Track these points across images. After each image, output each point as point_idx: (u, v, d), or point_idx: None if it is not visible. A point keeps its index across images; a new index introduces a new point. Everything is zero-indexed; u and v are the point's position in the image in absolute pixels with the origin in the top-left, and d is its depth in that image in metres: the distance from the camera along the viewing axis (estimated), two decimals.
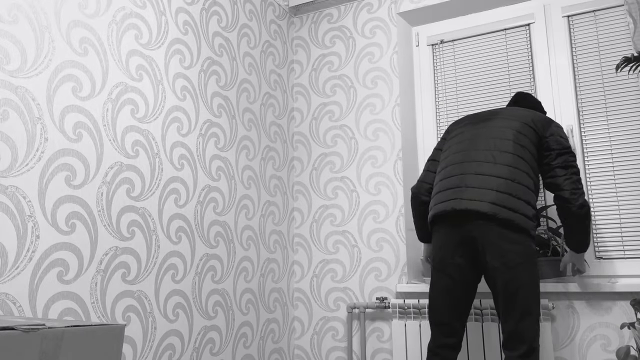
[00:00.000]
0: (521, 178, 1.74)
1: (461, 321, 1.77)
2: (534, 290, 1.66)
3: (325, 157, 2.69)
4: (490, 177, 1.74)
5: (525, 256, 1.67)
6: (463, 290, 1.76)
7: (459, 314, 1.76)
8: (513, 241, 1.67)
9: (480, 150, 1.82)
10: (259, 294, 2.38)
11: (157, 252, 1.86)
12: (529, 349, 1.62)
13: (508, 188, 1.72)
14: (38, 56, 1.53)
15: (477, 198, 1.72)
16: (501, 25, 2.54)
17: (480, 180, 1.75)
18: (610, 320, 2.01)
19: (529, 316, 1.64)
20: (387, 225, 2.47)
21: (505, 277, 1.66)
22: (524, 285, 1.65)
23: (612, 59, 2.28)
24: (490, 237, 1.68)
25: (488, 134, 1.85)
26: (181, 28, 2.09)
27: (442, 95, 2.63)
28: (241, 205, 2.32)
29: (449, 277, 1.76)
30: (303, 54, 2.85)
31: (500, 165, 1.76)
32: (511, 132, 1.82)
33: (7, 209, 1.40)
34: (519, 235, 1.68)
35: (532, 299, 1.65)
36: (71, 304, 1.55)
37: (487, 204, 1.69)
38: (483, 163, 1.78)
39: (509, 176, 1.73)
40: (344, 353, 2.46)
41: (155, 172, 1.89)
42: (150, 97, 1.91)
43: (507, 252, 1.66)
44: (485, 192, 1.72)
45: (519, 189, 1.72)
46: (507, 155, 1.77)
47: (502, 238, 1.67)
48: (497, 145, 1.80)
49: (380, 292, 2.43)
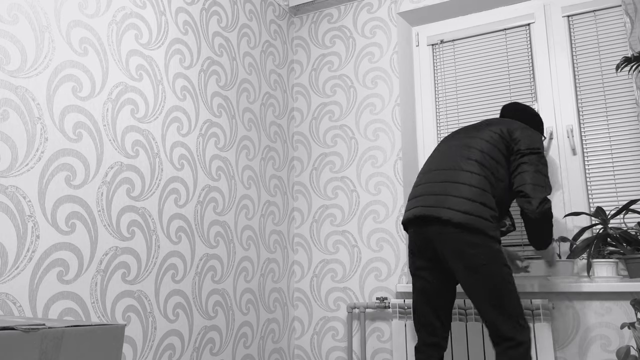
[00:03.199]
0: (480, 183, 1.78)
1: (441, 320, 1.82)
2: (504, 288, 1.69)
3: (325, 157, 2.69)
4: (441, 184, 1.81)
5: (487, 257, 1.70)
6: (437, 291, 1.83)
7: (438, 314, 1.82)
8: (472, 244, 1.70)
9: (445, 159, 1.88)
10: (259, 294, 2.38)
11: (157, 252, 1.86)
12: (514, 344, 1.67)
13: (451, 191, 1.77)
14: (38, 56, 1.53)
15: (437, 205, 1.78)
16: (501, 25, 2.54)
17: (441, 187, 1.81)
18: (610, 320, 2.01)
19: (504, 315, 1.68)
20: (387, 225, 2.47)
21: (469, 280, 1.71)
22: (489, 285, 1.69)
23: (612, 59, 2.28)
24: (449, 244, 1.73)
25: (455, 144, 1.91)
26: (181, 28, 2.09)
27: (442, 95, 2.63)
28: (241, 205, 2.32)
29: (423, 279, 1.84)
30: (303, 54, 2.85)
31: (461, 171, 1.81)
32: (476, 140, 1.88)
33: (7, 209, 1.40)
34: (478, 238, 1.71)
35: (503, 297, 1.69)
36: (71, 304, 1.55)
37: (445, 210, 1.75)
38: (446, 171, 1.84)
39: (457, 180, 1.79)
40: (344, 353, 2.46)
41: (155, 172, 1.89)
42: (150, 97, 1.91)
43: (466, 256, 1.71)
44: (444, 198, 1.78)
45: (474, 192, 1.76)
46: (466, 162, 1.82)
47: (460, 242, 1.72)
48: (460, 153, 1.86)
49: (380, 292, 2.43)
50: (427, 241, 1.80)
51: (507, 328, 1.68)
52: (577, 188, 2.23)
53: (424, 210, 1.79)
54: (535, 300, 2.03)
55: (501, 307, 1.68)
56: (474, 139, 1.89)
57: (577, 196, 2.23)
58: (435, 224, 1.76)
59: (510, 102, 2.17)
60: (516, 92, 2.45)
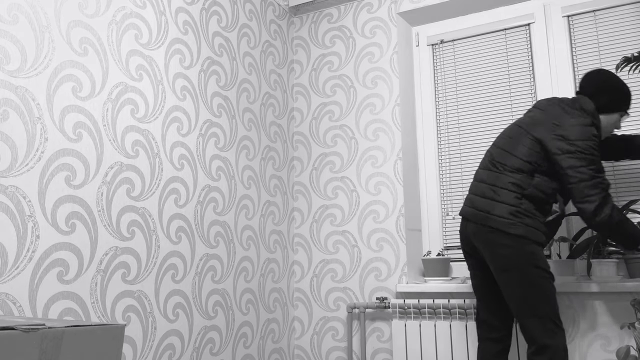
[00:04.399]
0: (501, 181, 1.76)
1: (497, 318, 1.83)
2: (533, 290, 1.67)
3: (325, 157, 2.69)
4: (479, 183, 1.85)
5: (516, 258, 1.69)
6: (488, 288, 1.85)
7: (492, 311, 1.84)
8: (502, 245, 1.71)
9: (494, 155, 1.86)
10: (259, 294, 2.38)
11: (157, 252, 1.86)
12: (540, 347, 1.64)
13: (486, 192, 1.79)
14: (38, 56, 1.53)
15: (468, 205, 1.85)
16: (501, 25, 2.54)
17: (474, 187, 1.87)
18: (610, 320, 2.01)
19: (531, 316, 1.66)
20: (387, 225, 2.47)
21: (500, 280, 1.73)
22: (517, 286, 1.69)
23: (612, 59, 2.28)
24: (483, 244, 1.77)
25: (508, 134, 1.87)
26: (181, 28, 2.09)
27: (442, 95, 2.63)
28: (241, 205, 2.32)
29: (474, 277, 1.89)
30: (303, 54, 2.85)
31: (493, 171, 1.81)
32: (519, 130, 1.82)
33: (7, 209, 1.40)
34: (505, 238, 1.71)
35: (531, 299, 1.66)
36: (71, 304, 1.55)
37: (469, 209, 1.82)
38: (487, 171, 1.85)
39: (496, 183, 1.78)
40: (344, 353, 2.46)
41: (155, 172, 1.89)
42: (150, 97, 1.91)
43: (496, 256, 1.73)
44: (474, 198, 1.83)
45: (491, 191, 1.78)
46: (507, 156, 1.80)
47: (491, 243, 1.74)
48: (507, 145, 1.82)
49: (380, 292, 2.43)
50: (468, 239, 1.85)
51: (537, 331, 1.64)
52: None
53: (467, 211, 1.84)
54: None
55: (530, 309, 1.66)
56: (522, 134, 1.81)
57: None
58: (474, 223, 1.80)
59: (594, 70, 1.91)
60: (516, 92, 2.45)
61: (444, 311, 2.18)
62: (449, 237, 2.50)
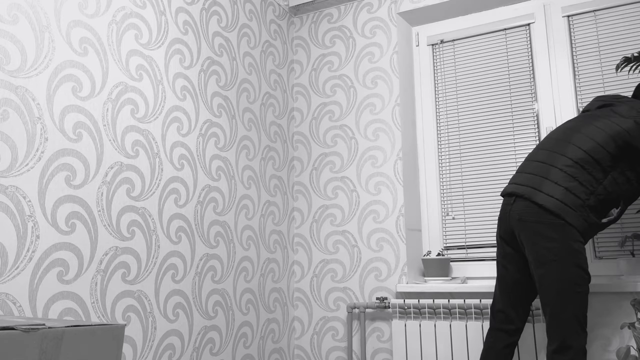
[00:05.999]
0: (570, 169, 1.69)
1: (517, 311, 1.79)
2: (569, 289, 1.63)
3: (325, 157, 2.69)
4: (539, 164, 1.75)
5: (560, 254, 1.64)
6: (517, 280, 1.80)
7: (514, 304, 1.80)
8: (547, 238, 1.65)
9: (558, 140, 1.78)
10: (259, 294, 2.38)
11: (157, 252, 1.86)
12: (562, 346, 1.61)
13: (544, 172, 1.71)
14: (38, 56, 1.53)
15: (521, 182, 1.76)
16: (501, 25, 2.54)
17: (532, 167, 1.77)
18: (610, 320, 2.01)
19: (561, 314, 1.62)
20: (387, 225, 2.47)
21: (537, 272, 1.67)
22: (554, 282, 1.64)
23: (612, 59, 2.28)
24: (526, 232, 1.70)
25: (575, 127, 1.79)
26: (181, 28, 2.09)
27: (442, 95, 2.63)
28: (241, 205, 2.32)
29: (504, 267, 1.83)
30: (303, 54, 2.85)
31: (556, 154, 1.73)
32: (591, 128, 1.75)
33: (7, 209, 1.40)
34: (554, 230, 1.65)
35: (565, 297, 1.63)
36: (71, 304, 1.55)
37: (522, 187, 1.73)
38: (548, 152, 1.76)
39: (554, 163, 1.71)
40: (344, 353, 2.46)
41: (155, 172, 1.89)
42: (150, 97, 1.91)
43: (538, 248, 1.66)
44: (526, 176, 1.75)
45: (559, 175, 1.69)
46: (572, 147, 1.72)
47: (536, 233, 1.67)
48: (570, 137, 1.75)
49: (380, 292, 2.43)
50: (509, 224, 1.78)
51: (564, 330, 1.62)
52: None
53: (516, 188, 1.75)
54: (535, 300, 2.03)
55: (562, 307, 1.63)
56: (590, 127, 1.74)
57: None
58: (521, 205, 1.72)
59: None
60: (516, 92, 2.45)
61: (444, 311, 2.18)
62: (449, 237, 2.50)
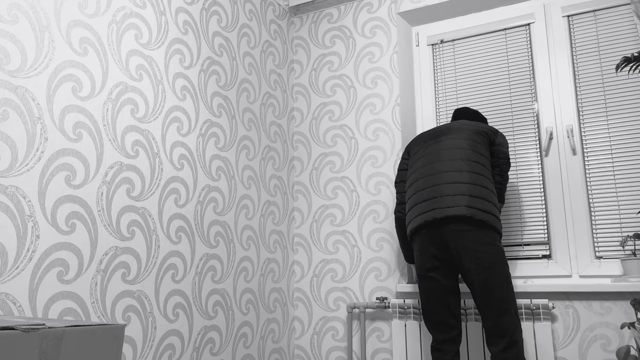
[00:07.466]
0: (484, 182, 1.90)
1: (454, 316, 1.89)
2: (508, 287, 1.79)
3: (325, 157, 2.69)
4: (460, 184, 1.88)
5: (497, 256, 1.81)
6: (447, 290, 1.89)
7: (451, 311, 1.89)
8: (486, 243, 1.80)
9: (445, 161, 1.95)
10: (259, 294, 2.38)
11: (157, 252, 1.86)
12: (510, 342, 1.74)
13: (477, 192, 1.86)
14: (38, 56, 1.53)
15: (453, 204, 1.85)
16: (501, 25, 2.54)
17: (453, 188, 1.88)
18: (610, 320, 2.01)
19: (506, 312, 1.76)
20: (387, 225, 2.47)
21: (480, 277, 1.79)
22: (499, 283, 1.78)
23: (612, 59, 2.28)
24: (464, 241, 1.81)
25: (449, 146, 1.98)
26: (181, 28, 2.09)
27: (442, 95, 2.63)
28: (241, 205, 2.32)
29: (434, 280, 1.89)
30: (303, 54, 2.85)
31: (466, 172, 1.90)
32: (467, 142, 1.97)
33: (7, 209, 1.40)
34: (490, 237, 1.82)
35: (507, 295, 1.78)
36: (71, 304, 1.55)
37: (464, 208, 1.83)
38: (450, 172, 1.91)
39: (475, 182, 1.88)
40: (344, 353, 2.46)
41: (155, 172, 1.89)
42: (150, 97, 1.91)
43: (481, 254, 1.79)
44: (459, 197, 1.86)
45: (485, 192, 1.87)
46: (469, 163, 1.91)
47: (475, 241, 1.80)
48: (459, 155, 1.94)
49: (380, 292, 2.43)
50: (442, 241, 1.86)
51: (511, 327, 1.75)
52: (577, 188, 2.23)
53: (444, 212, 1.85)
54: (535, 300, 2.03)
55: (508, 306, 1.77)
56: (462, 141, 1.97)
57: (577, 196, 2.23)
58: (453, 223, 1.83)
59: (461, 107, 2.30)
60: (516, 92, 2.45)
61: None
62: None
